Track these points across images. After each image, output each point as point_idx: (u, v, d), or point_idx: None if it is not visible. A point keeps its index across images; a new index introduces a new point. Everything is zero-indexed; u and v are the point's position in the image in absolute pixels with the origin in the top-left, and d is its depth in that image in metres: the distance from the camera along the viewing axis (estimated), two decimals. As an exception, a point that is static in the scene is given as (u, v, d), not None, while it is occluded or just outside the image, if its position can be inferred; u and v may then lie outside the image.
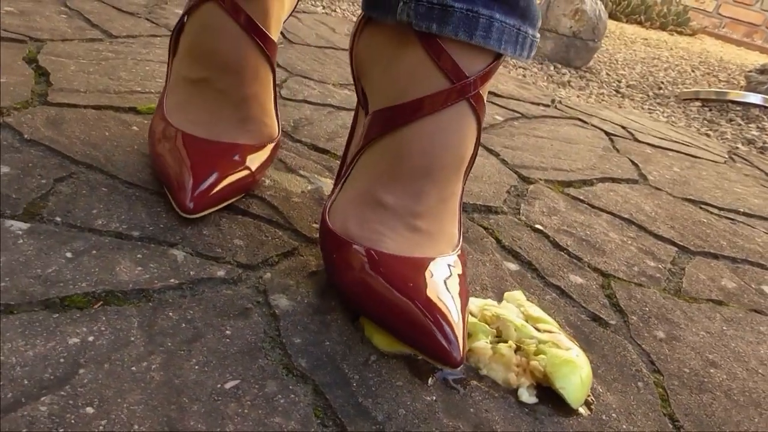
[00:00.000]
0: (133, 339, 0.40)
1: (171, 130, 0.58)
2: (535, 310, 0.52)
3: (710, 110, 1.93)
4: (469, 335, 0.48)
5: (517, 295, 0.55)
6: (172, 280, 0.46)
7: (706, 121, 1.80)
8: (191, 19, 0.59)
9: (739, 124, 1.79)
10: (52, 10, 0.98)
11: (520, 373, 0.45)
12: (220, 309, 0.45)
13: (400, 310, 0.43)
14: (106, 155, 0.60)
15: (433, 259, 0.47)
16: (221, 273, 0.49)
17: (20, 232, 0.47)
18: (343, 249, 0.47)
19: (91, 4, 1.08)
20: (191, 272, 0.48)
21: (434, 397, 0.43)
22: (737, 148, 1.51)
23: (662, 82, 2.34)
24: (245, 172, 0.58)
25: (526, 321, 0.50)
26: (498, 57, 0.47)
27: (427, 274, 0.45)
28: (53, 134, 0.61)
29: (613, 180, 0.94)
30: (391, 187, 0.48)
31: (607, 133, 1.19)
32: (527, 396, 0.44)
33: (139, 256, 0.48)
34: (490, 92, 1.26)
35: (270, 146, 0.62)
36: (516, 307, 0.52)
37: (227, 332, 0.43)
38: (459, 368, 0.44)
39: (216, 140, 0.58)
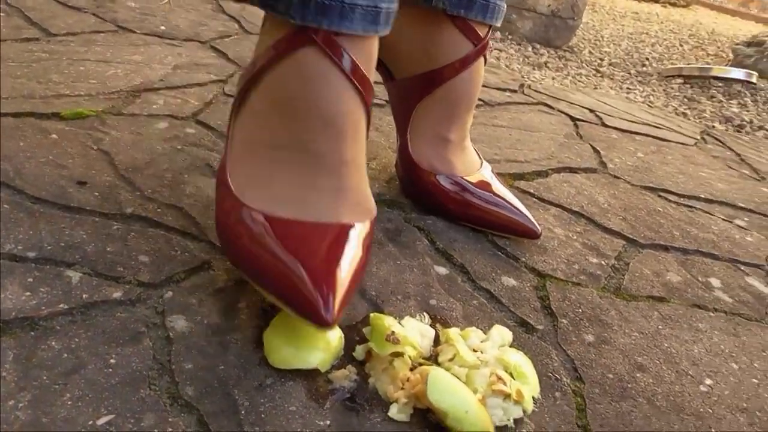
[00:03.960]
0: (5, 374, 0.39)
1: (253, 214, 0.46)
2: (514, 357, 0.48)
3: (692, 87, 1.89)
4: (397, 345, 0.46)
5: (506, 334, 0.52)
6: (61, 306, 0.45)
7: (686, 99, 1.77)
8: (278, 69, 0.49)
9: (720, 101, 1.76)
10: (-11, 10, 0.95)
11: (400, 388, 0.43)
12: (109, 335, 0.43)
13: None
14: (17, 168, 0.58)
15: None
16: (118, 294, 0.47)
17: None
18: (430, 179, 0.67)
19: (35, 0, 1.05)
20: (84, 295, 0.46)
21: (329, 422, 0.41)
22: (713, 127, 1.48)
23: (647, 59, 2.30)
24: (360, 258, 0.47)
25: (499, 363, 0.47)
26: (490, 27, 0.67)
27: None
28: (-39, 148, 0.59)
29: (571, 170, 0.92)
30: (450, 126, 0.68)
31: (572, 119, 1.16)
32: (396, 411, 0.43)
33: (30, 279, 0.46)
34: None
35: (370, 223, 0.50)
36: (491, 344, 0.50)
37: (111, 361, 0.41)
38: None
39: (318, 221, 0.46)
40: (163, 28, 1.10)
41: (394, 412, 0.43)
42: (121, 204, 0.58)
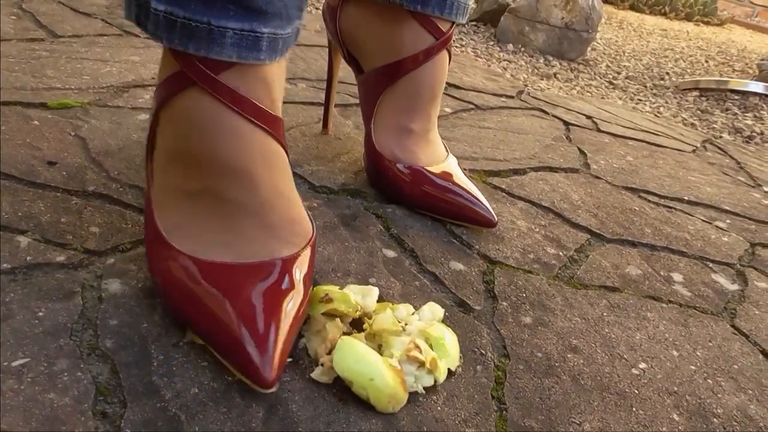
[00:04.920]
0: (-63, 318, 0.42)
1: (186, 261, 0.44)
2: (438, 330, 0.49)
3: (707, 100, 1.87)
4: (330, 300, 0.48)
5: (437, 311, 0.53)
6: (5, 265, 0.48)
7: (699, 111, 1.74)
8: (167, 115, 0.46)
9: (735, 114, 1.73)
10: (4, 11, 1.02)
11: (327, 352, 0.45)
12: (44, 293, 0.46)
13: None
14: (-7, 148, 0.63)
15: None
16: (61, 258, 0.50)
17: None
18: (391, 166, 0.69)
19: (49, 6, 1.12)
20: (29, 257, 0.49)
21: (237, 377, 0.43)
22: (720, 137, 1.46)
23: (667, 73, 2.27)
24: (302, 296, 0.45)
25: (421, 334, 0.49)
26: (453, 23, 0.69)
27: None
28: (-56, 129, 0.64)
29: (551, 169, 0.93)
30: (413, 116, 0.69)
31: (566, 123, 1.17)
32: (319, 374, 0.44)
33: (-20, 242, 0.50)
34: (449, 84, 1.25)
35: (308, 247, 0.48)
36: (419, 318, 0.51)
37: (39, 314, 0.44)
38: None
39: (251, 262, 0.44)
40: (168, 33, 1.15)
41: (317, 374, 0.45)
42: (85, 182, 0.61)
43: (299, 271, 0.46)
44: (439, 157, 0.71)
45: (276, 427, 0.40)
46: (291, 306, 0.44)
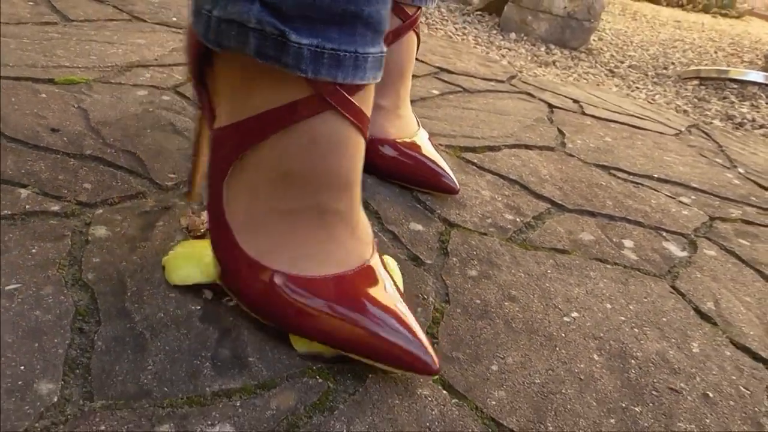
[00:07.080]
0: (-55, 251, 0.49)
1: (297, 281, 0.47)
2: (389, 258, 0.57)
3: (706, 88, 1.89)
4: None
5: (390, 261, 0.58)
6: (6, 212, 0.55)
7: (696, 99, 1.77)
8: (288, 138, 0.45)
9: (732, 102, 1.75)
10: (20, -1, 1.10)
11: None
12: (38, 235, 0.54)
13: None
14: (3, 116, 0.70)
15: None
16: (56, 208, 0.57)
17: None
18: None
19: (64, -6, 1.20)
20: (27, 206, 0.57)
21: (199, 306, 0.50)
22: (710, 123, 1.49)
23: (672, 63, 2.30)
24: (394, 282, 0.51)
25: None
26: (419, 8, 0.73)
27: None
28: (-40, 99, 0.71)
29: (526, 147, 0.98)
30: (383, 92, 0.70)
31: (550, 106, 1.22)
32: None
33: (-14, 192, 0.57)
34: (441, 69, 1.30)
35: (376, 247, 0.52)
36: None
37: (32, 251, 0.51)
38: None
39: (356, 268, 0.48)
40: (174, 19, 1.23)
41: None
42: (83, 147, 0.68)
43: (381, 268, 0.50)
44: (409, 131, 0.77)
45: (227, 347, 0.47)
46: (399, 293, 0.50)
